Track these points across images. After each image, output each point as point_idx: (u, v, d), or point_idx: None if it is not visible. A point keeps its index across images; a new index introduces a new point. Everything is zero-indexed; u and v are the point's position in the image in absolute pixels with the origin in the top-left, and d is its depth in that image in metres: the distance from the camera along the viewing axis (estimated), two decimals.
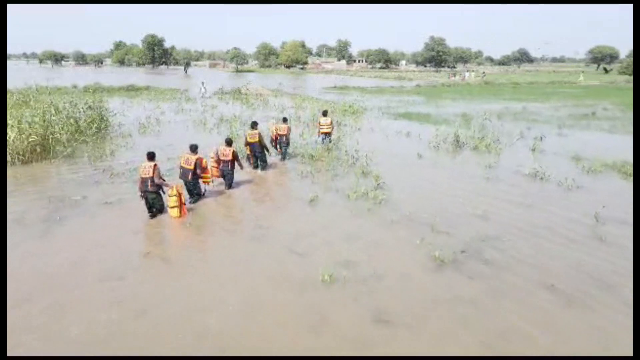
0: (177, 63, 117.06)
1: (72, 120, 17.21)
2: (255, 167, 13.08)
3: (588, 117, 25.59)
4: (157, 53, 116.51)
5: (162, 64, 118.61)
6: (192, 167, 9.84)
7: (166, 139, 17.42)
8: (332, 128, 16.63)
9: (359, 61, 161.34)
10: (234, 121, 21.98)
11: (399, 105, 31.26)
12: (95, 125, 17.90)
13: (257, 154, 12.99)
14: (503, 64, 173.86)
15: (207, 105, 29.37)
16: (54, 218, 8.89)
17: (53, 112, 16.81)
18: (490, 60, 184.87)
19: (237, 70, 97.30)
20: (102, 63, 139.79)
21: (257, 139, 12.80)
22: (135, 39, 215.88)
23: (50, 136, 14.94)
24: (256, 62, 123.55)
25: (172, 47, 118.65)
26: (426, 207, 9.74)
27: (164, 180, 9.30)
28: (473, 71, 72.50)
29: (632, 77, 64.39)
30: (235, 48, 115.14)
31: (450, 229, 8.50)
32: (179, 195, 9.11)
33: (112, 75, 67.96)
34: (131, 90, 39.89)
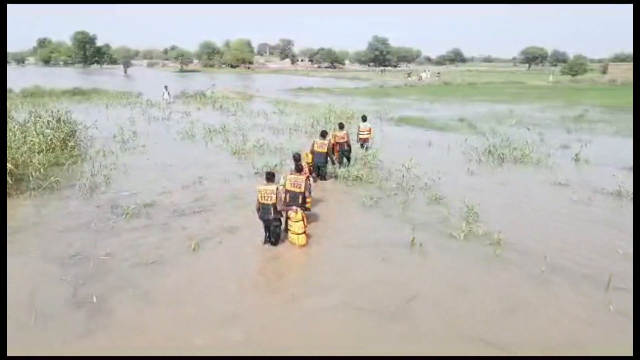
0: (112, 62, 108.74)
1: (40, 137, 13.79)
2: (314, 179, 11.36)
3: (582, 119, 25.35)
4: (89, 51, 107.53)
5: (94, 63, 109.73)
6: (302, 189, 8.18)
7: (160, 157, 14.50)
8: (371, 134, 15.25)
9: (301, 60, 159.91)
10: (225, 131, 19.27)
11: (385, 108, 29.64)
12: (71, 143, 14.56)
13: (320, 165, 11.87)
14: (439, 64, 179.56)
15: (177, 112, 26.13)
16: (88, 305, 6.03)
17: (16, 127, 13.34)
18: (428, 60, 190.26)
19: (182, 70, 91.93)
20: (23, 62, 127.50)
21: (325, 150, 11.77)
22: (61, 35, 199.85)
23: (21, 160, 11.65)
24: (197, 61, 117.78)
25: (107, 45, 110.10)
26: (552, 245, 7.96)
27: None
28: (428, 71, 72.98)
29: (575, 77, 67.74)
30: (173, 47, 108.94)
31: (621, 281, 6.73)
32: (304, 219, 7.89)
33: (43, 77, 61.05)
34: (77, 94, 35.29)
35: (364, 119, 15.84)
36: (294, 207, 7.94)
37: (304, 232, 7.93)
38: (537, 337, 5.38)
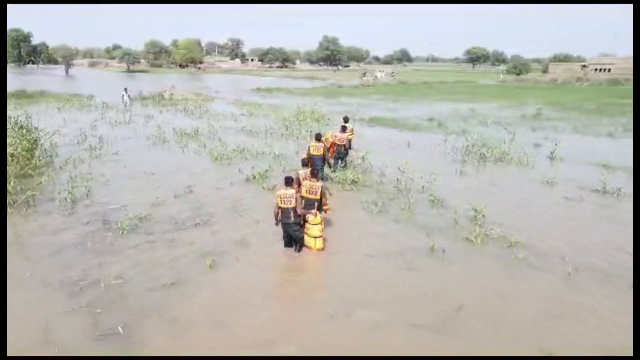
0: (51, 62, 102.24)
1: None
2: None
3: (539, 118, 26.51)
4: (24, 50, 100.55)
5: (29, 63, 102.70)
6: (318, 196, 7.96)
7: (137, 165, 13.67)
8: (354, 135, 15.20)
9: (251, 60, 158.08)
10: (198, 135, 18.53)
11: (351, 109, 29.67)
12: (37, 151, 13.40)
13: (317, 168, 11.22)
14: (387, 63, 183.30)
15: (139, 115, 24.88)
16: (115, 336, 5.32)
17: None
18: (377, 59, 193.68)
19: (129, 71, 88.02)
20: None
21: (321, 152, 11.70)
22: None
23: None
24: (143, 60, 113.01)
25: (44, 44, 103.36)
26: (566, 245, 8.13)
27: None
28: (382, 71, 74.15)
29: (520, 77, 71.20)
30: (116, 46, 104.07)
31: None
32: (322, 222, 7.82)
33: None
34: (22, 97, 32.79)
35: (346, 120, 15.77)
36: (313, 211, 7.81)
37: (321, 236, 7.80)
38: (587, 341, 5.41)
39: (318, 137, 12.10)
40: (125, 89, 28.92)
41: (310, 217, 7.77)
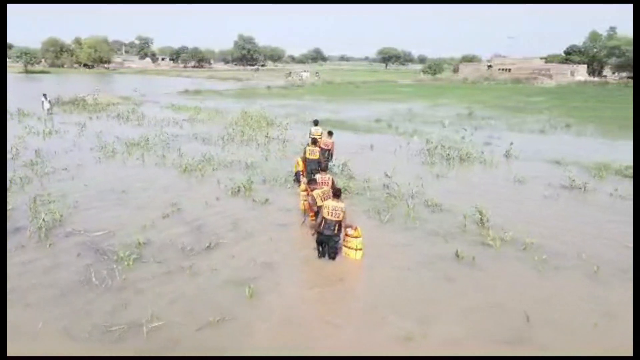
0: None
1: None
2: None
3: (474, 117, 28.15)
4: None
5: None
6: (340, 217, 7.69)
7: (98, 182, 12.38)
8: (323, 138, 14.86)
9: (162, 59, 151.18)
10: (147, 145, 17.22)
11: (294, 111, 29.44)
12: None
13: (313, 171, 11.47)
14: (302, 62, 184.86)
15: (66, 123, 22.60)
16: None
17: None
18: (292, 58, 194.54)
19: (27, 71, 79.43)
20: None
21: (317, 156, 11.97)
22: None
23: None
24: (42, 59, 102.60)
25: None
26: (574, 243, 8.68)
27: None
28: (308, 71, 74.33)
29: (435, 76, 75.39)
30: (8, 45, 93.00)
31: None
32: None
33: None
34: None
35: (316, 123, 15.91)
36: (354, 225, 8.02)
37: (362, 249, 7.88)
38: None
39: (314, 141, 12.28)
40: (45, 95, 26.02)
41: (350, 231, 7.89)
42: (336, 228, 7.62)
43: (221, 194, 11.56)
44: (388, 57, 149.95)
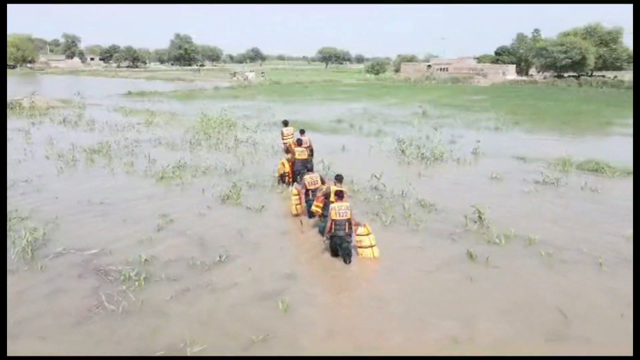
0: None
1: None
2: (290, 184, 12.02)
3: (429, 116, 29.00)
4: None
5: None
6: (349, 216, 7.82)
7: (70, 194, 11.49)
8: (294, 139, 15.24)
9: (91, 59, 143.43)
10: (109, 152, 16.21)
11: (254, 113, 28.89)
12: None
13: (301, 171, 11.98)
14: (240, 62, 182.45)
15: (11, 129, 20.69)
16: None
17: None
18: (231, 58, 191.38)
19: None
20: None
21: (305, 156, 12.26)
22: None
23: None
24: None
25: None
26: (567, 237, 9.14)
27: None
28: (253, 71, 73.11)
29: (378, 76, 77.05)
30: None
31: None
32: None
33: None
34: None
35: (286, 123, 15.92)
36: (363, 223, 8.15)
37: (375, 245, 8.02)
38: None
39: (299, 142, 12.43)
40: None
41: (361, 229, 7.98)
42: (347, 227, 7.75)
43: (210, 202, 11.08)
44: (328, 57, 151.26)
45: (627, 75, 70.21)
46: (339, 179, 9.06)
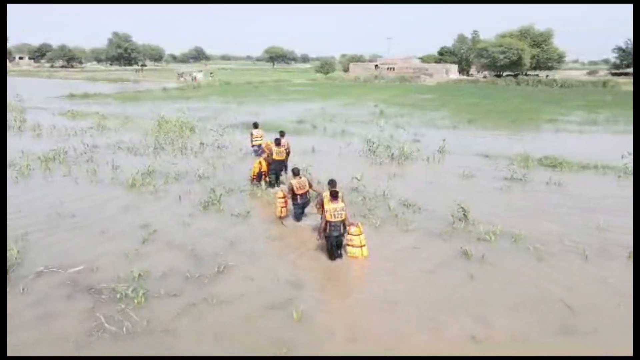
0: None
1: None
2: (271, 185, 12.20)
3: (386, 115, 29.46)
4: None
5: None
6: (344, 217, 8.00)
7: (34, 206, 10.67)
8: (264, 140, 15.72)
9: (20, 58, 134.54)
10: (65, 158, 15.23)
11: (211, 115, 28.15)
12: None
13: (278, 171, 12.53)
14: (183, 62, 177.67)
15: None
16: None
17: None
18: (173, 58, 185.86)
19: None
20: None
21: (283, 157, 12.63)
22: None
23: None
24: None
25: None
26: (554, 231, 9.56)
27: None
28: (201, 71, 71.01)
29: (327, 75, 77.52)
30: None
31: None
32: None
33: None
34: None
35: (256, 125, 16.24)
36: (355, 222, 8.26)
37: (365, 245, 8.15)
38: None
39: (278, 142, 12.61)
40: None
41: (352, 229, 8.09)
42: (342, 228, 7.94)
43: (191, 210, 10.65)
44: (274, 57, 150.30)
45: (558, 75, 75.40)
46: (332, 184, 8.94)
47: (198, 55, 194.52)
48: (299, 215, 9.97)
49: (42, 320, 6.15)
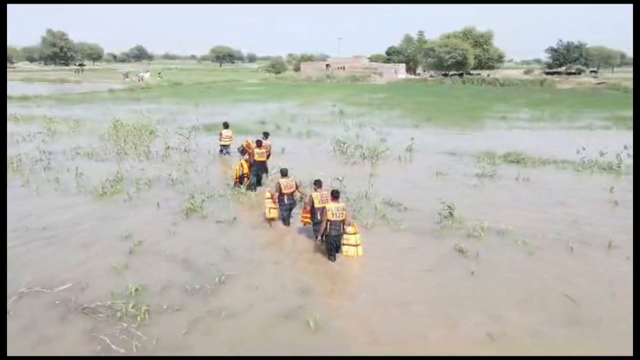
0: None
1: None
2: (252, 188, 12.09)
3: (347, 115, 29.55)
4: None
5: None
6: (344, 217, 8.04)
7: None
8: (232, 141, 16.43)
9: None
10: (19, 165, 14.17)
11: (168, 117, 27.10)
12: None
13: (260, 173, 12.47)
14: (123, 61, 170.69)
15: None
16: None
17: None
18: (114, 57, 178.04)
19: None
20: None
21: (264, 158, 12.56)
22: None
23: None
24: None
25: None
26: (535, 226, 9.96)
27: None
28: (148, 71, 67.97)
29: (278, 75, 77.03)
30: None
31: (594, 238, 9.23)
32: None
33: None
34: None
35: (226, 125, 16.41)
36: (351, 222, 8.29)
37: (360, 244, 8.25)
38: None
39: (259, 144, 12.46)
40: None
41: (348, 228, 8.17)
42: (342, 227, 8.01)
43: (172, 217, 10.19)
44: (222, 56, 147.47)
45: (498, 74, 79.22)
46: (318, 184, 8.99)
47: (140, 55, 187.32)
48: (285, 218, 9.83)
49: (39, 346, 5.63)
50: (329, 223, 7.87)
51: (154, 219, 10.09)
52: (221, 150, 16.76)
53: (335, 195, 8.06)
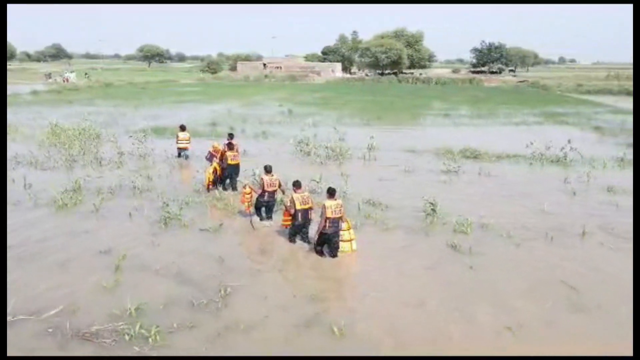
0: None
1: None
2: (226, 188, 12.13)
3: (296, 115, 29.53)
4: None
5: None
6: (342, 214, 8.18)
7: None
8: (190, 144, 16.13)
9: None
10: None
11: (110, 120, 25.47)
12: None
13: (234, 175, 12.22)
14: (39, 60, 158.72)
15: None
16: None
17: None
18: (28, 56, 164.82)
19: None
20: None
21: (238, 161, 12.25)
22: None
23: None
24: None
25: None
26: (512, 220, 10.39)
27: None
28: (74, 72, 62.99)
29: (214, 75, 75.15)
30: None
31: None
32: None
33: None
34: None
35: (183, 128, 16.07)
36: (345, 218, 8.42)
37: (354, 239, 8.42)
38: None
39: (231, 146, 12.21)
40: None
41: (342, 224, 8.28)
42: (339, 225, 8.08)
43: (150, 228, 9.57)
44: (150, 55, 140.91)
45: (429, 73, 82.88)
46: (297, 185, 8.82)
47: (58, 54, 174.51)
48: (259, 212, 9.74)
49: None
50: (328, 220, 7.85)
51: (129, 230, 9.41)
52: (179, 154, 16.06)
53: (331, 192, 8.08)
